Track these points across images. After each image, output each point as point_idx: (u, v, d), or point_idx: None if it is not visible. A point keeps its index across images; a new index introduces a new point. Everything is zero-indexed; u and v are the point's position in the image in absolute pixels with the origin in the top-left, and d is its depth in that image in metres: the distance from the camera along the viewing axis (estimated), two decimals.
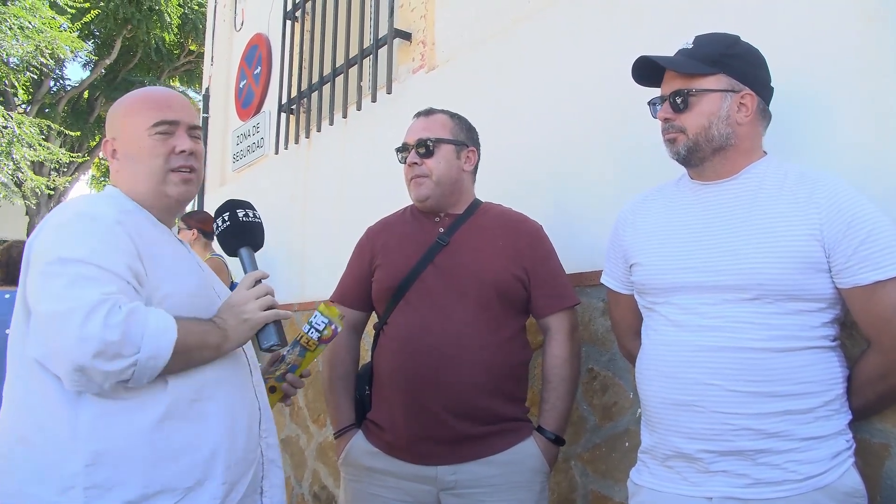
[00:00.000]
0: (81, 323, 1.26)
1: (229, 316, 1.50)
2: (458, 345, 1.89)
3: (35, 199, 14.47)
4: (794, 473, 1.40)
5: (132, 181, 1.56)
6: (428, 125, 2.08)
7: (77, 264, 1.32)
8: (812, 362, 1.43)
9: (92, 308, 1.28)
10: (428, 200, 2.05)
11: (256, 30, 5.20)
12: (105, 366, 1.28)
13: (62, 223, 1.40)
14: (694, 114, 1.54)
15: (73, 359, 1.27)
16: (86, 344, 1.26)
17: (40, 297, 1.33)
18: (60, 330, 1.28)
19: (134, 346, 1.30)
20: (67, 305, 1.28)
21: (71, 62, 15.64)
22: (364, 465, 2.00)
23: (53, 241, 1.37)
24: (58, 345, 1.29)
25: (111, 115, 1.61)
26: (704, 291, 1.49)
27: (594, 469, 2.20)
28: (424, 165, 2.03)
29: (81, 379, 1.30)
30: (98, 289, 1.30)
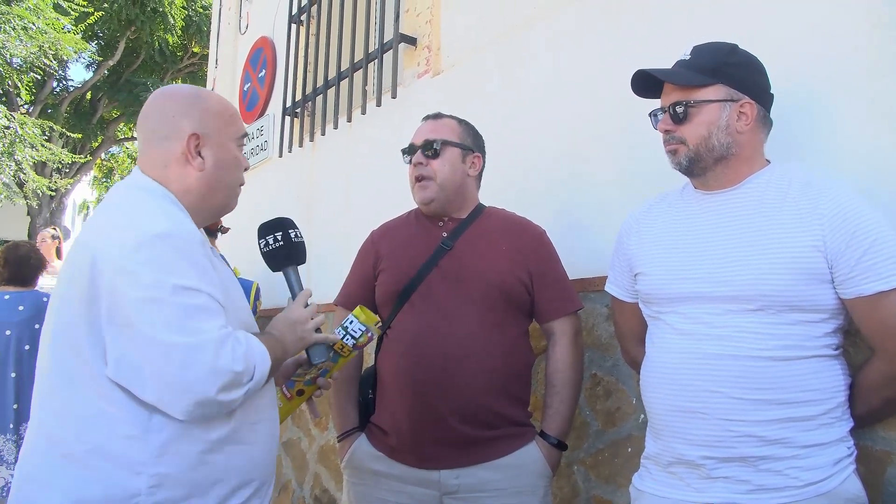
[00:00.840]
0: (214, 356, 1.27)
1: (288, 332, 1.54)
2: (463, 348, 1.90)
3: (37, 199, 14.50)
4: (795, 480, 1.41)
5: (212, 189, 1.50)
6: (436, 127, 2.09)
7: (191, 293, 1.30)
8: (815, 371, 1.44)
9: (220, 341, 1.28)
10: (432, 203, 2.05)
11: (261, 33, 5.21)
12: (227, 396, 1.30)
13: (147, 241, 1.31)
14: (694, 125, 1.55)
15: (200, 391, 1.27)
16: (217, 377, 1.27)
17: (156, 327, 1.26)
18: (188, 363, 1.25)
19: (249, 374, 1.34)
20: (196, 339, 1.26)
21: (74, 63, 15.64)
22: (367, 468, 2.00)
23: (150, 263, 1.29)
24: (182, 378, 1.26)
25: (193, 108, 1.50)
26: (709, 301, 1.50)
27: (597, 474, 2.20)
28: (429, 166, 2.04)
29: (198, 410, 1.30)
30: (216, 320, 1.31)
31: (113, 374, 1.30)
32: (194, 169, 1.48)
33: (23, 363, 3.87)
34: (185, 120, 1.48)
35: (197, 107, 1.50)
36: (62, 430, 1.33)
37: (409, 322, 1.98)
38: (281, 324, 1.55)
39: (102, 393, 1.32)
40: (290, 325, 1.55)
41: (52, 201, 15.70)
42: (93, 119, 17.01)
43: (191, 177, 1.48)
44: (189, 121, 1.48)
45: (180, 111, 1.49)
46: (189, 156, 1.47)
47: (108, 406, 1.31)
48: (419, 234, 2.09)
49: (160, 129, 1.49)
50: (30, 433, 1.40)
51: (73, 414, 1.33)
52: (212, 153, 1.49)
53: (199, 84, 18.26)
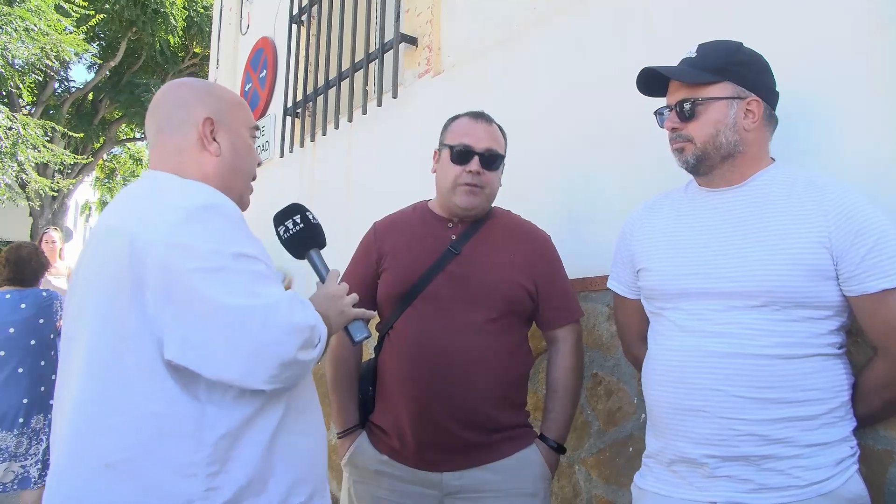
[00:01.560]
0: (289, 313, 1.24)
1: (329, 307, 1.50)
2: (466, 356, 1.89)
3: (39, 200, 14.53)
4: (798, 479, 1.40)
5: (230, 175, 1.47)
6: (493, 135, 2.03)
7: (252, 261, 1.27)
8: (818, 369, 1.44)
9: (290, 299, 1.27)
10: (474, 211, 2.02)
11: (262, 33, 5.22)
12: (305, 356, 1.27)
13: (192, 215, 1.26)
14: (701, 122, 1.55)
15: (283, 351, 1.23)
16: (297, 334, 1.24)
17: (226, 293, 1.21)
18: (267, 322, 1.21)
19: (318, 335, 1.31)
20: (268, 300, 1.23)
21: (75, 64, 15.68)
22: (368, 467, 2.00)
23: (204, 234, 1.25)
24: (263, 338, 1.21)
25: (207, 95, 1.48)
26: (712, 297, 1.50)
27: (598, 474, 2.20)
28: (485, 177, 1.99)
29: (283, 373, 1.25)
30: (278, 285, 1.29)
31: (177, 355, 1.22)
32: (211, 154, 1.45)
33: (29, 358, 3.92)
34: (199, 105, 1.45)
35: (210, 94, 1.48)
36: (104, 437, 1.24)
37: (411, 326, 1.97)
38: (321, 300, 1.51)
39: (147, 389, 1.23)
40: (331, 300, 1.51)
41: (55, 202, 15.74)
42: (94, 120, 17.05)
43: (208, 163, 1.44)
44: (203, 106, 1.45)
45: (193, 98, 1.46)
46: (205, 140, 1.44)
47: (153, 403, 1.23)
48: (426, 233, 2.06)
49: (174, 117, 1.45)
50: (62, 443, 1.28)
51: (112, 419, 1.24)
52: (227, 138, 1.46)
53: None
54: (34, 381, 3.92)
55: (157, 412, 1.23)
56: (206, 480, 1.23)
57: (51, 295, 4.12)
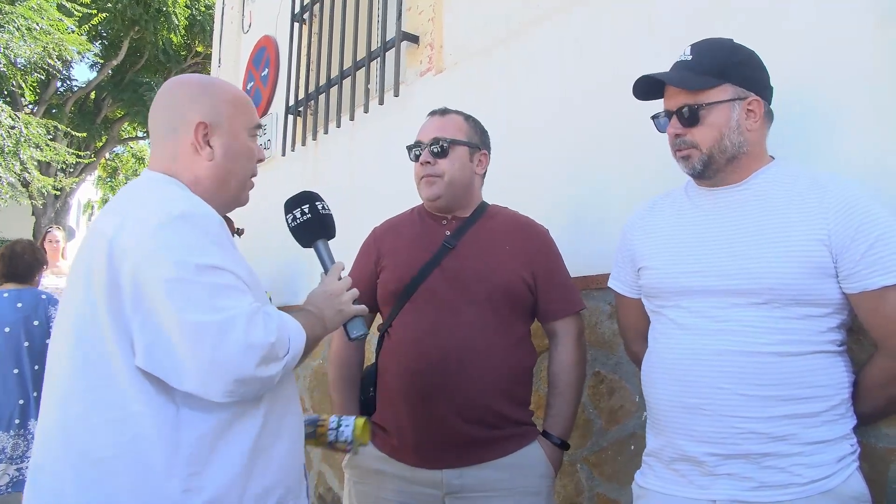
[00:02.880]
0: (245, 331, 1.22)
1: (326, 306, 1.51)
2: (466, 349, 1.89)
3: (42, 199, 14.55)
4: (799, 477, 1.40)
5: (224, 179, 1.45)
6: (443, 125, 2.06)
7: (215, 272, 1.25)
8: (820, 367, 1.44)
9: (250, 316, 1.24)
10: (439, 200, 2.03)
11: (264, 32, 5.22)
12: (265, 372, 1.26)
13: (166, 222, 1.26)
14: (705, 127, 1.53)
15: (238, 368, 1.22)
16: (252, 352, 1.23)
17: (185, 308, 1.21)
18: (221, 341, 1.21)
19: (285, 347, 1.31)
20: (225, 315, 1.22)
21: (78, 63, 15.67)
22: (369, 467, 2.00)
23: (172, 244, 1.24)
24: (217, 357, 1.21)
25: (204, 96, 1.45)
26: (713, 295, 1.49)
27: (600, 472, 2.20)
28: (438, 165, 2.01)
29: (239, 389, 1.25)
30: (244, 297, 1.27)
31: (143, 363, 1.24)
32: (204, 159, 1.43)
33: (23, 360, 3.90)
34: (193, 109, 1.44)
35: (206, 95, 1.46)
36: (89, 435, 1.25)
37: (410, 322, 1.97)
38: (318, 298, 1.53)
39: (128, 390, 1.25)
40: (328, 298, 1.53)
41: (57, 201, 15.76)
42: (97, 119, 17.06)
43: (201, 167, 1.44)
44: (197, 110, 1.44)
45: (188, 100, 1.45)
46: (197, 145, 1.43)
47: (135, 404, 1.25)
48: (422, 232, 2.08)
49: (169, 121, 1.45)
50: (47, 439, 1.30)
51: (99, 417, 1.25)
52: (222, 142, 1.45)
53: None
54: (30, 384, 3.88)
55: (138, 412, 1.24)
56: (186, 481, 1.24)
57: (49, 299, 4.08)
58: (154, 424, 1.24)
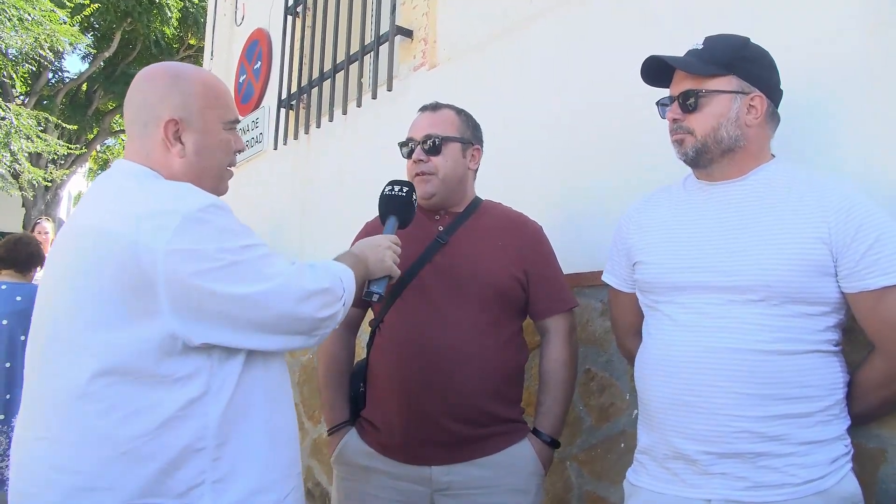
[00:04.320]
0: (298, 284, 1.36)
1: (371, 252, 1.66)
2: (456, 347, 1.88)
3: (32, 190, 14.46)
4: (793, 477, 1.40)
5: (197, 174, 1.44)
6: (435, 121, 2.03)
7: (256, 247, 1.36)
8: (815, 366, 1.43)
9: (297, 272, 1.38)
10: (433, 198, 2.01)
11: (257, 25, 5.18)
12: (327, 312, 1.41)
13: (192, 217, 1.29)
14: (703, 115, 1.53)
15: (304, 317, 1.37)
16: (312, 300, 1.38)
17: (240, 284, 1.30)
18: (282, 300, 1.34)
19: (340, 287, 1.45)
20: (277, 280, 1.34)
21: (70, 54, 15.57)
22: (357, 463, 1.98)
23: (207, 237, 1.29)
24: (284, 313, 1.35)
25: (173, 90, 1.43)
26: (710, 291, 1.48)
27: (590, 470, 2.19)
28: (431, 163, 1.99)
29: (316, 333, 1.42)
30: (281, 260, 1.39)
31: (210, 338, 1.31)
32: (175, 156, 1.43)
33: (17, 354, 3.84)
34: (164, 105, 1.42)
35: (176, 88, 1.44)
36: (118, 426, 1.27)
37: (401, 318, 1.96)
38: (364, 244, 1.69)
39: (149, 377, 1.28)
40: (374, 247, 1.67)
41: (48, 193, 15.66)
42: (88, 111, 16.95)
43: (174, 164, 1.43)
44: (167, 105, 1.42)
45: (159, 96, 1.43)
46: (168, 143, 1.42)
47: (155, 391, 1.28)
48: (414, 227, 2.05)
49: (140, 116, 1.44)
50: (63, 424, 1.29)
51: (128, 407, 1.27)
52: (193, 138, 1.44)
53: None
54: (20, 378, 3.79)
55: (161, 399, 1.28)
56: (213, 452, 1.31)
57: None
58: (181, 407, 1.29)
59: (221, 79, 5.37)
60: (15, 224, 15.97)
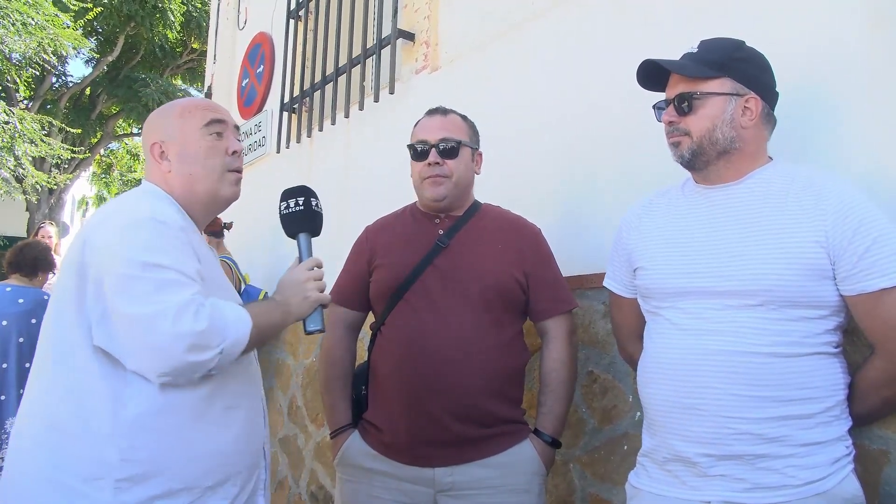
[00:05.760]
0: (173, 322, 1.36)
1: (292, 293, 1.63)
2: (458, 347, 1.89)
3: (36, 195, 14.48)
4: (793, 479, 1.40)
5: (187, 181, 1.61)
6: (447, 125, 2.06)
7: (160, 269, 1.40)
8: (815, 368, 1.43)
9: (181, 307, 1.38)
10: (444, 201, 2.03)
11: (259, 28, 5.20)
12: (197, 357, 1.39)
13: (130, 225, 1.44)
14: (698, 117, 1.54)
15: (168, 356, 1.37)
16: (180, 340, 1.37)
17: (126, 301, 1.38)
18: (151, 330, 1.37)
19: (220, 336, 1.43)
20: (157, 308, 1.37)
21: (73, 59, 15.61)
22: (360, 465, 1.99)
23: (128, 243, 1.41)
24: (149, 344, 1.38)
25: (159, 119, 1.65)
26: (709, 296, 1.49)
27: (593, 472, 2.19)
28: (446, 166, 2.01)
29: (174, 374, 1.41)
30: (183, 292, 1.40)
31: (101, 342, 1.42)
32: (164, 171, 1.62)
33: (11, 355, 3.85)
34: (151, 133, 1.65)
35: (160, 118, 1.66)
36: (50, 402, 1.44)
37: (403, 320, 1.96)
38: (285, 285, 1.65)
39: (82, 366, 1.43)
40: (294, 285, 1.64)
41: (51, 197, 15.68)
42: (92, 115, 16.96)
43: (168, 179, 1.62)
44: (152, 133, 1.64)
45: (148, 129, 1.66)
46: (157, 162, 1.62)
47: (86, 378, 1.42)
48: (415, 230, 2.07)
49: (145, 143, 1.66)
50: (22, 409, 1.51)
51: (60, 386, 1.44)
52: (174, 151, 1.61)
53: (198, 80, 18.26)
54: (14, 381, 3.82)
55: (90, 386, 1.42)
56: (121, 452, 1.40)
57: None
58: (102, 398, 1.41)
59: (224, 83, 5.41)
60: (19, 228, 16.00)
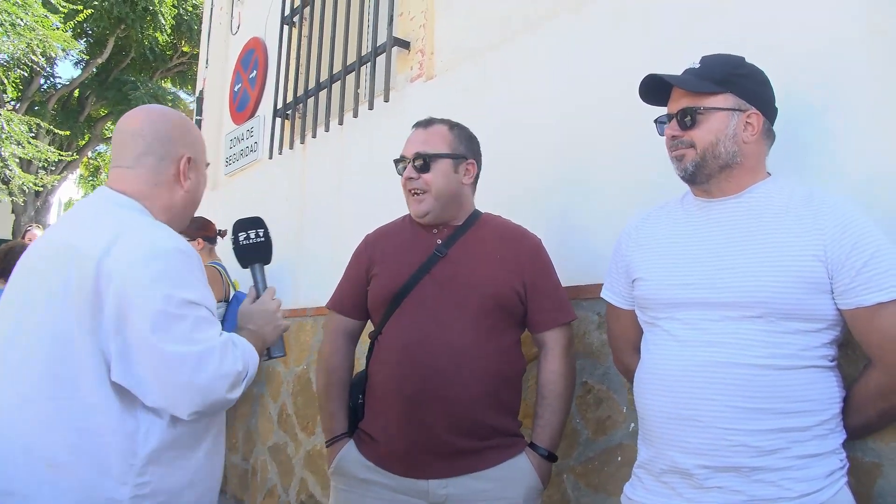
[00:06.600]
0: (220, 361, 1.40)
1: (265, 323, 1.69)
2: (454, 359, 1.88)
3: (22, 196, 14.36)
4: (788, 491, 1.40)
5: (191, 203, 1.64)
6: (427, 138, 2.05)
7: (196, 307, 1.41)
8: (812, 381, 1.44)
9: (222, 347, 1.42)
10: (427, 216, 2.02)
11: (253, 34, 5.20)
12: (233, 394, 1.44)
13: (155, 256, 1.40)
14: (702, 131, 1.55)
15: (211, 394, 1.40)
16: (224, 380, 1.40)
17: (167, 339, 1.36)
18: (198, 369, 1.37)
19: (247, 372, 1.49)
20: (202, 347, 1.39)
21: (62, 60, 15.51)
22: (355, 475, 1.98)
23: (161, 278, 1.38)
24: (192, 383, 1.37)
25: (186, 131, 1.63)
26: (707, 308, 1.49)
27: (587, 483, 2.19)
28: (421, 180, 2.00)
29: (210, 411, 1.44)
30: (214, 329, 1.44)
31: (120, 378, 1.37)
32: (182, 189, 1.60)
33: None
34: (182, 143, 1.60)
35: (190, 133, 1.64)
36: (49, 440, 1.36)
37: (399, 330, 1.96)
38: (258, 316, 1.69)
39: (95, 402, 1.36)
40: (268, 316, 1.70)
41: (38, 199, 15.57)
42: (80, 117, 16.87)
43: (177, 195, 1.60)
44: (186, 144, 1.61)
45: (178, 135, 1.60)
46: (182, 177, 1.60)
47: (99, 415, 1.36)
48: (413, 240, 2.07)
49: (157, 149, 1.57)
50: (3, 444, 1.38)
51: (63, 424, 1.36)
52: (195, 175, 1.63)
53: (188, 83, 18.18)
54: None
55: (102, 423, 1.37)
56: (135, 489, 1.38)
57: None
58: (117, 435, 1.37)
59: (217, 87, 5.40)
60: (5, 230, 15.86)
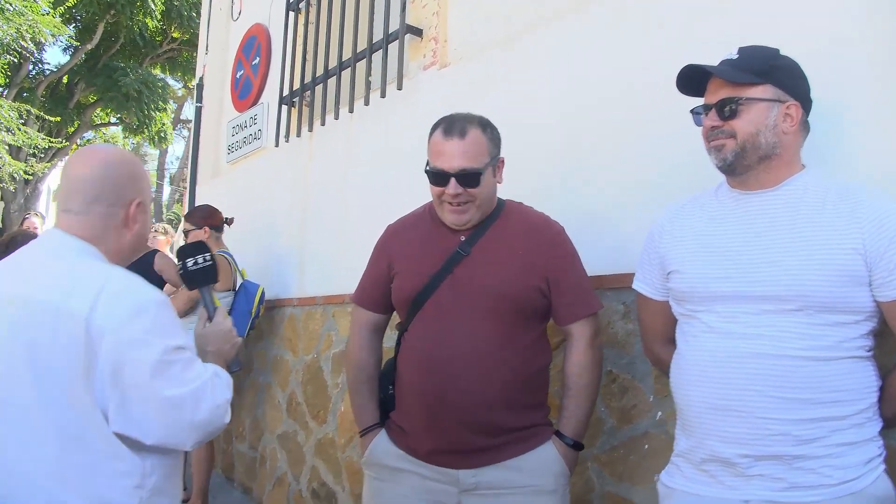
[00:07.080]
0: (212, 395, 1.50)
1: (223, 342, 1.78)
2: (474, 363, 1.88)
3: (13, 183, 14.22)
4: (828, 478, 1.42)
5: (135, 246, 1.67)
6: (466, 149, 1.92)
7: (184, 350, 1.49)
8: (850, 371, 1.46)
9: (211, 381, 1.52)
10: (468, 224, 1.98)
11: (255, 20, 5.15)
12: (227, 419, 1.56)
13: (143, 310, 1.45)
14: (743, 121, 1.55)
15: (211, 425, 1.50)
16: (220, 409, 1.52)
17: (166, 384, 1.44)
18: (196, 406, 1.47)
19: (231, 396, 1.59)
20: (194, 385, 1.47)
21: (51, 46, 15.32)
22: (387, 464, 2.00)
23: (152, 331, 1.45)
24: (194, 419, 1.47)
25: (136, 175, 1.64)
26: (746, 301, 1.50)
27: (611, 471, 2.21)
28: (466, 193, 1.93)
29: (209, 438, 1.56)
30: (198, 365, 1.53)
31: (121, 428, 1.43)
32: (129, 232, 1.62)
33: None
34: (132, 189, 1.62)
35: (139, 177, 1.66)
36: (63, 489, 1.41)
37: (421, 331, 1.96)
38: (216, 338, 1.78)
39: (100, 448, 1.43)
40: (225, 335, 1.79)
41: (28, 186, 15.43)
42: (69, 103, 16.69)
43: (125, 239, 1.62)
44: (134, 189, 1.62)
45: (128, 181, 1.62)
46: (131, 221, 1.62)
47: (105, 460, 1.44)
48: (436, 236, 2.03)
49: (108, 196, 1.58)
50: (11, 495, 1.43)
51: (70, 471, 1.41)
52: (143, 218, 1.66)
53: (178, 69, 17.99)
54: None
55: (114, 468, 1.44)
56: None
57: None
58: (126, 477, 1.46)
59: (218, 74, 5.34)
60: None
